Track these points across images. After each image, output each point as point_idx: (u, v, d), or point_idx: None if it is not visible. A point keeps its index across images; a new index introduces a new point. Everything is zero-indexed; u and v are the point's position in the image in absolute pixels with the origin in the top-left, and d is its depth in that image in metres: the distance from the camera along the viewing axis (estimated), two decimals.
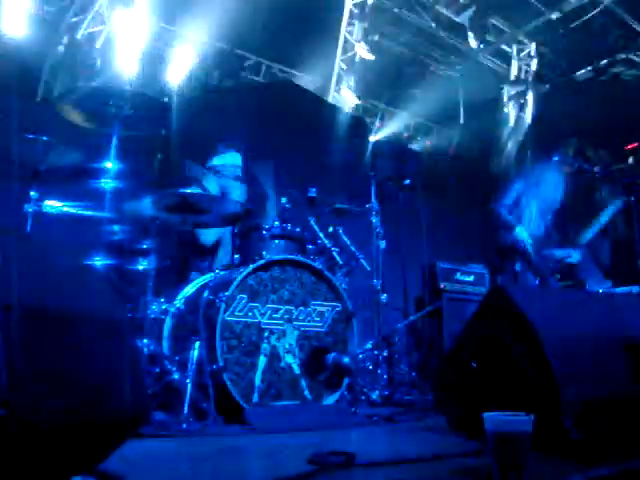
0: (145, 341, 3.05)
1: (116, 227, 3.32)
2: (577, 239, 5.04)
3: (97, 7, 5.66)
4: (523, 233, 4.75)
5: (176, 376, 2.93)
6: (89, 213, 3.21)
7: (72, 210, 3.17)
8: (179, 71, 6.27)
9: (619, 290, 5.43)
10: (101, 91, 3.36)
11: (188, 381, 2.73)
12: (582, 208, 6.89)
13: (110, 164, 3.25)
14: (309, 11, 6.36)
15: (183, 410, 2.64)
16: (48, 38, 5.49)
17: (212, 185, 4.40)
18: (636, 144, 6.99)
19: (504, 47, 8.01)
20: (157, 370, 3.02)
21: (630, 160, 6.97)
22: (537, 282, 4.80)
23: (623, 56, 7.39)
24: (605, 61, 7.55)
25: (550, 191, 5.01)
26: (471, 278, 5.30)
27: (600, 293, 5.00)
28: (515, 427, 1.54)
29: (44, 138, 3.07)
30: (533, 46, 8.00)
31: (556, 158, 5.05)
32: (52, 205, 3.09)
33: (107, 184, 3.23)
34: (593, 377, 2.02)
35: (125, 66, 5.72)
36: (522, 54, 8.13)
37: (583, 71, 7.84)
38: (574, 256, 4.93)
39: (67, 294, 1.55)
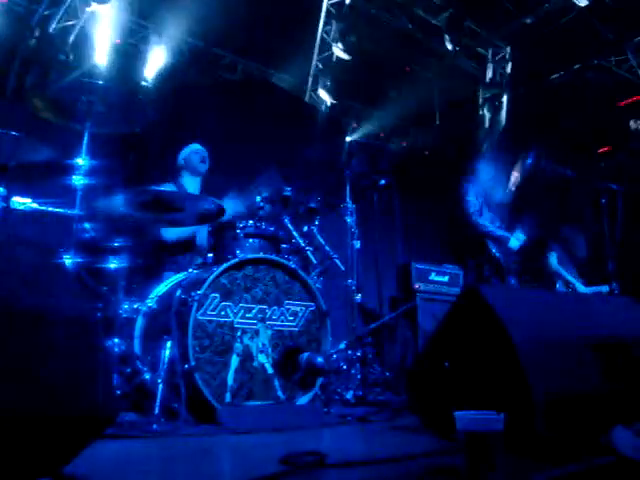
0: (116, 340, 3.01)
1: (87, 225, 3.26)
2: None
3: (70, 1, 5.56)
4: (516, 243, 4.79)
5: (147, 376, 2.90)
6: (59, 210, 3.15)
7: (42, 207, 3.11)
8: (154, 68, 6.20)
9: (588, 290, 5.53)
10: (73, 86, 3.30)
11: (159, 381, 2.70)
12: (556, 210, 7.00)
13: (82, 161, 3.20)
14: (286, 10, 6.35)
15: (154, 410, 2.61)
16: (19, 31, 5.38)
17: (190, 183, 4.36)
18: (607, 148, 7.12)
19: (480, 50, 8.09)
20: (128, 370, 2.99)
21: (602, 163, 7.10)
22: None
23: (595, 62, 7.52)
24: (577, 66, 7.68)
25: (488, 184, 5.03)
26: (445, 278, 5.34)
27: (570, 293, 5.08)
28: (486, 426, 1.55)
29: (13, 133, 3.01)
30: (508, 50, 8.10)
31: (529, 160, 5.12)
32: (21, 202, 3.02)
33: (78, 181, 3.18)
34: (563, 376, 2.04)
35: (99, 62, 5.63)
36: (497, 57, 8.23)
37: (557, 75, 7.96)
38: (513, 242, 4.94)
39: (35, 292, 1.52)
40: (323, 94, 7.27)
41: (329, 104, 7.37)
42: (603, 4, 6.63)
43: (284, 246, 3.52)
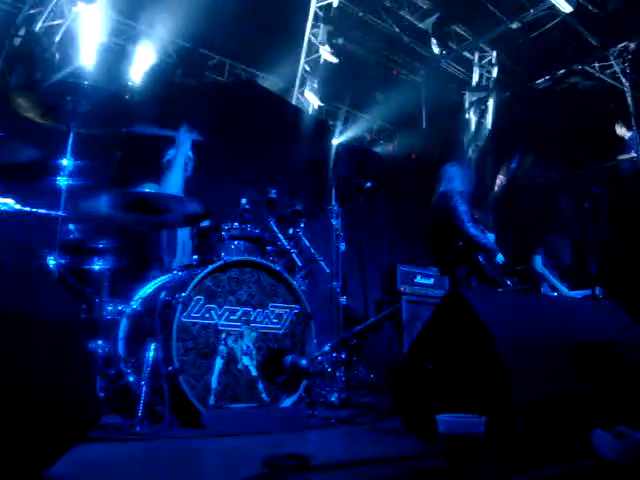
0: (100, 342, 2.99)
1: (71, 226, 3.24)
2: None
3: (56, 0, 5.53)
4: (501, 257, 4.76)
5: (131, 378, 2.89)
6: (43, 211, 3.13)
7: (25, 208, 3.08)
8: (141, 68, 6.17)
9: (572, 294, 5.58)
10: (59, 86, 3.28)
11: (143, 383, 2.69)
12: (541, 213, 7.06)
13: (66, 161, 3.18)
14: (274, 12, 6.35)
15: (138, 413, 2.60)
16: (4, 30, 5.33)
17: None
18: (590, 151, 7.21)
19: (466, 54, 8.15)
20: (112, 372, 2.97)
21: (586, 167, 7.18)
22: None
23: (579, 67, 7.61)
24: (562, 71, 7.76)
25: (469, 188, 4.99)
26: (431, 281, 5.37)
27: (553, 297, 5.12)
28: (466, 429, 1.56)
29: None
30: (494, 54, 8.17)
31: (514, 164, 5.14)
32: (4, 202, 3.00)
33: (63, 182, 3.16)
34: (545, 378, 2.06)
35: (85, 62, 5.59)
36: (483, 61, 8.29)
37: (541, 80, 8.04)
38: (500, 257, 4.87)
39: (17, 294, 1.51)
40: (310, 96, 7.29)
41: (316, 106, 7.39)
42: (587, 11, 6.72)
43: (269, 248, 3.52)
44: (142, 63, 6.16)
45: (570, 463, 1.79)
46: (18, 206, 3.04)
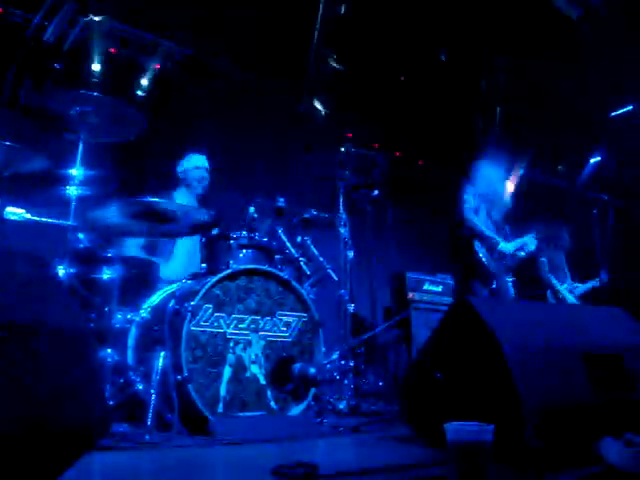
0: (109, 351, 3.00)
1: (81, 235, 3.26)
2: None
3: (65, 10, 5.58)
4: (507, 246, 4.72)
5: (140, 387, 2.90)
6: (53, 221, 3.15)
7: (35, 217, 3.11)
8: (149, 77, 6.21)
9: (581, 288, 5.55)
10: (68, 96, 3.30)
11: (152, 392, 2.70)
12: (550, 220, 7.04)
13: (75, 171, 3.21)
14: (282, 19, 6.38)
15: (147, 421, 2.61)
16: (14, 40, 5.39)
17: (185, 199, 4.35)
18: (598, 159, 7.19)
19: (474, 59, 8.15)
20: (121, 380, 2.98)
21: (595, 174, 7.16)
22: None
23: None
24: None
25: (492, 188, 4.93)
26: (439, 288, 5.36)
27: (561, 305, 5.09)
28: (475, 437, 1.56)
29: (7, 143, 3.01)
30: (503, 59, 8.16)
31: (522, 172, 5.12)
32: (14, 212, 3.02)
33: (72, 191, 3.18)
34: (553, 387, 2.06)
35: (93, 72, 5.64)
36: (492, 67, 8.28)
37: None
38: (529, 244, 4.79)
39: (27, 304, 1.52)
40: (317, 104, 7.31)
41: (323, 113, 7.40)
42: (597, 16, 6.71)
43: (277, 257, 3.53)
44: (150, 71, 6.21)
45: (580, 471, 1.78)
46: (28, 215, 3.07)
